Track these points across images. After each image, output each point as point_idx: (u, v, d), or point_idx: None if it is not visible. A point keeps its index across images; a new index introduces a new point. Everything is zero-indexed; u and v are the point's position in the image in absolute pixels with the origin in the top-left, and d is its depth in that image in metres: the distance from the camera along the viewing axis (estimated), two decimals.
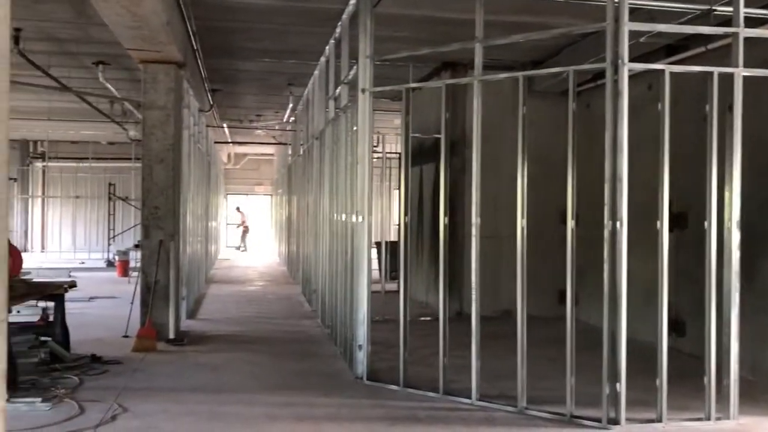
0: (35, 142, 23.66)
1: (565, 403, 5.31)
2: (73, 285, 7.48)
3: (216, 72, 11.51)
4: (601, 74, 9.69)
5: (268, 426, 5.14)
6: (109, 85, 11.31)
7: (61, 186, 23.57)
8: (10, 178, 21.18)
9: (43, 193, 23.94)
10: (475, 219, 5.72)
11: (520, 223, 5.50)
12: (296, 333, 9.11)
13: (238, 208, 28.48)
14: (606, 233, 5.12)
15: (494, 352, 7.01)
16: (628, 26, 5.01)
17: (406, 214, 6.28)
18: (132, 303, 8.71)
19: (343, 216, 7.72)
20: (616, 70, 5.09)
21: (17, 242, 23.45)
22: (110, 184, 20.05)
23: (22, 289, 6.56)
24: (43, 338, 7.13)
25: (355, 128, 6.89)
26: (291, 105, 13.50)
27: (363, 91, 6.54)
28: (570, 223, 5.28)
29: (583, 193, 5.46)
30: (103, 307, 11.16)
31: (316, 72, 10.89)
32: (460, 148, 10.42)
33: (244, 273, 17.53)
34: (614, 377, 5.10)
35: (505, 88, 10.56)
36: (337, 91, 8.43)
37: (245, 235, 27.80)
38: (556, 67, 9.64)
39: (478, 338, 5.69)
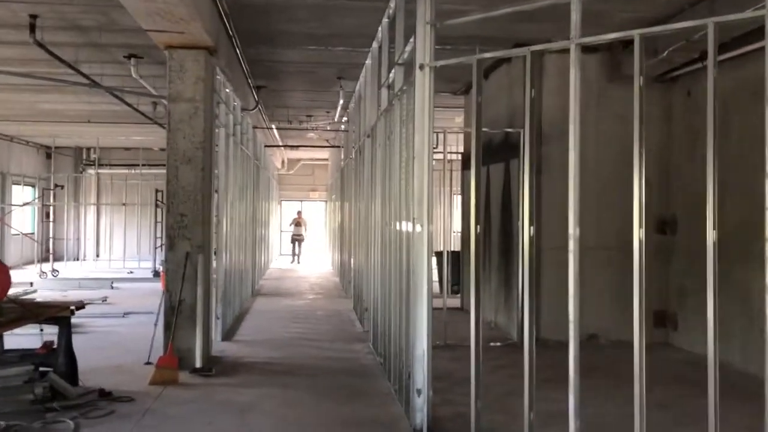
0: (88, 149, 23.27)
1: None
2: (80, 307, 6.39)
3: (258, 64, 10.39)
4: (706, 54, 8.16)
5: None
6: (143, 82, 10.32)
7: (113, 193, 23.09)
8: (57, 185, 20.77)
9: (96, 200, 23.50)
10: (573, 229, 4.27)
11: (638, 233, 4.03)
12: (344, 361, 7.81)
13: (299, 213, 24.99)
14: None
15: (584, 394, 5.58)
16: None
17: (477, 222, 4.90)
18: (156, 324, 7.60)
19: (397, 224, 6.40)
20: None
21: (70, 250, 23.06)
22: (157, 191, 19.29)
23: (15, 313, 5.47)
24: (43, 369, 6.06)
25: (411, 117, 5.57)
26: (342, 101, 12.28)
27: (422, 67, 5.21)
28: (712, 235, 3.78)
29: (684, 196, 3.96)
30: (136, 324, 10.12)
31: (368, 61, 9.64)
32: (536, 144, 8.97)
33: (294, 284, 16.41)
34: None
35: (588, 74, 9.11)
36: (391, 75, 7.13)
37: (300, 245, 24.14)
38: (654, 46, 8.13)
39: (577, 384, 4.21)
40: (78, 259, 22.99)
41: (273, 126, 15.84)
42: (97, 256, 23.36)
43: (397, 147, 6.46)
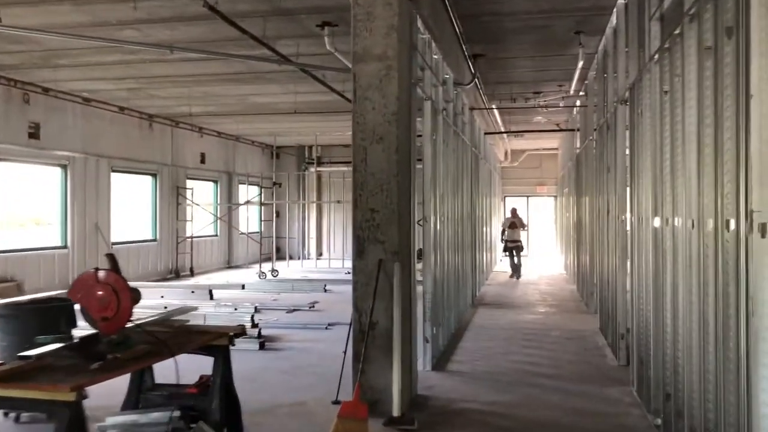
0: (310, 148, 23.16)
1: None
2: (241, 333, 4.85)
3: (474, 21, 8.35)
4: None
5: None
6: (340, 57, 8.83)
7: (333, 191, 22.73)
8: (276, 183, 20.63)
9: (318, 198, 23.31)
10: None
11: None
12: (598, 418, 5.45)
13: (514, 211, 18.14)
14: None
15: None
16: None
17: None
18: (345, 352, 5.92)
19: (691, 222, 3.97)
20: None
21: (294, 249, 23.09)
22: None
23: (138, 348, 4.02)
24: (195, 413, 4.61)
25: (731, 35, 3.14)
26: (580, 64, 9.74)
27: None
28: None
29: None
30: (338, 339, 8.60)
31: (621, 0, 7.13)
32: None
33: (521, 292, 14.15)
34: None
35: None
36: None
37: (518, 254, 16.80)
38: None
39: None
40: (301, 258, 22.97)
41: (493, 106, 13.70)
42: (320, 254, 23.14)
43: (692, 98, 4.01)
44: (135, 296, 4.00)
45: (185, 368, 4.62)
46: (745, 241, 2.92)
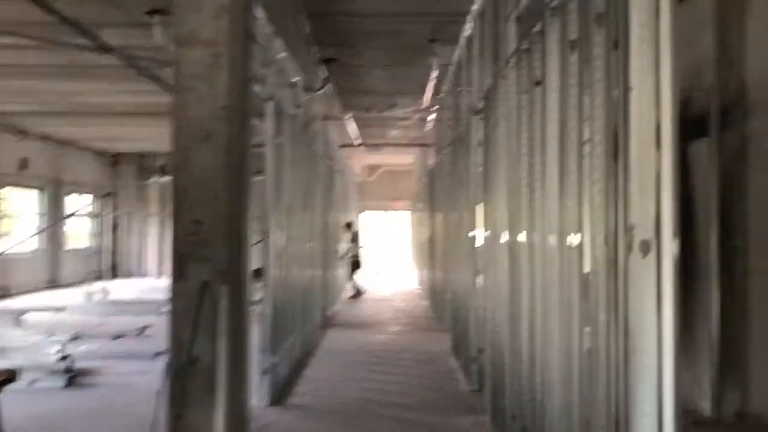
0: (154, 156, 21.45)
1: None
2: (9, 379, 3.81)
3: (324, 21, 7.73)
4: None
5: None
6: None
7: None
8: (107, 194, 18.89)
9: (161, 210, 21.62)
10: None
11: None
12: None
13: (348, 225, 16.66)
14: None
15: None
16: None
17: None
18: (158, 392, 4.98)
19: (551, 238, 3.55)
20: None
21: (133, 267, 21.27)
22: None
23: None
24: None
25: (604, 24, 2.71)
26: (435, 75, 9.40)
27: None
28: None
29: None
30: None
31: (475, 5, 6.80)
32: (735, 117, 5.90)
33: (374, 310, 13.64)
34: None
35: None
36: None
37: (355, 270, 16.35)
38: None
39: None
40: (140, 277, 21.17)
41: (348, 116, 13.17)
42: (161, 273, 21.45)
43: (554, 98, 3.60)
44: None
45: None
46: (624, 261, 2.45)
